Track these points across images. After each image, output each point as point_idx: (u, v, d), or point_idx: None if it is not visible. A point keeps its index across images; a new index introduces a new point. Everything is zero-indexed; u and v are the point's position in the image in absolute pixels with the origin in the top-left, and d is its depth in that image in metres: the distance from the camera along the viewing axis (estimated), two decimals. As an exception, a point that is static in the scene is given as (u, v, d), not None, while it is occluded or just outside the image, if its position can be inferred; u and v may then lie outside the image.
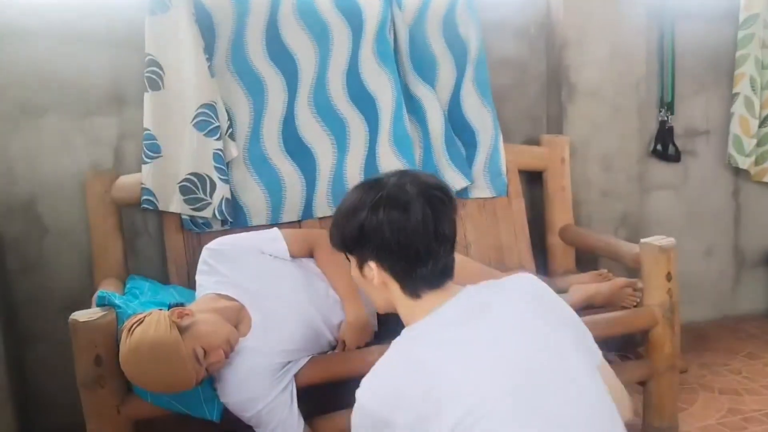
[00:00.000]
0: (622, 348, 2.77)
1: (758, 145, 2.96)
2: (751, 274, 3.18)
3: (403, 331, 1.27)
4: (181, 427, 1.97)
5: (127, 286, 2.09)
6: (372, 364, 1.85)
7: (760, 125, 2.94)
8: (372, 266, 1.28)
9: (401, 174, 1.31)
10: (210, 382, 1.75)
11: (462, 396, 1.11)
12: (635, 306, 2.18)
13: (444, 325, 1.22)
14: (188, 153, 2.18)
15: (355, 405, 1.20)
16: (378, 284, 1.30)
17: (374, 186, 1.29)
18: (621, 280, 2.24)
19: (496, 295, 1.28)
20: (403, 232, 1.23)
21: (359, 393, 1.20)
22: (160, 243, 2.38)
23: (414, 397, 1.13)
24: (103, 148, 2.35)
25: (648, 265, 2.11)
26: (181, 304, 1.69)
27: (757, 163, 2.99)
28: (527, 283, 1.33)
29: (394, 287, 1.29)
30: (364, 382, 1.21)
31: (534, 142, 2.72)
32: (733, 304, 3.20)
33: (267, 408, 1.71)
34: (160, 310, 1.62)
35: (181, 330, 1.56)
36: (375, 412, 1.16)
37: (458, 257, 1.36)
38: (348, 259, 1.35)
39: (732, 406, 2.38)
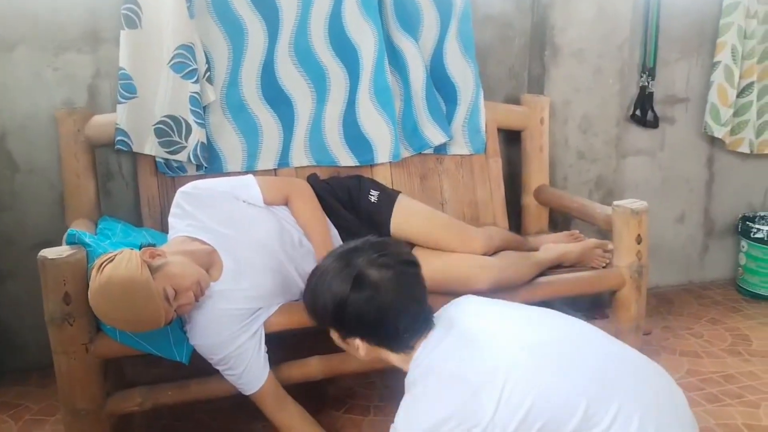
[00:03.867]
0: (590, 309, 2.82)
1: (735, 115, 2.98)
2: (720, 242, 3.24)
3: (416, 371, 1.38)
4: (150, 369, 1.99)
5: (99, 226, 2.07)
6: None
7: (738, 95, 2.95)
8: (357, 342, 1.43)
9: (369, 249, 1.43)
10: (180, 324, 1.76)
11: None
12: (604, 267, 2.22)
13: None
14: (164, 95, 2.14)
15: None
16: (365, 354, 1.44)
17: (346, 266, 1.40)
18: (592, 241, 2.28)
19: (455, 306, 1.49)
20: (383, 311, 1.38)
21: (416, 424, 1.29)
22: (133, 185, 2.36)
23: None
24: (77, 86, 2.30)
25: (619, 227, 2.13)
26: (153, 245, 1.68)
27: (732, 133, 3.01)
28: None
29: (384, 352, 1.44)
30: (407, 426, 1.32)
31: (515, 101, 2.71)
32: (700, 270, 3.26)
33: (235, 352, 1.72)
34: (131, 249, 1.61)
35: (152, 269, 1.56)
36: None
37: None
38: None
39: (691, 367, 2.44)
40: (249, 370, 1.74)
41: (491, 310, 1.48)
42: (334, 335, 1.50)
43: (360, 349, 1.44)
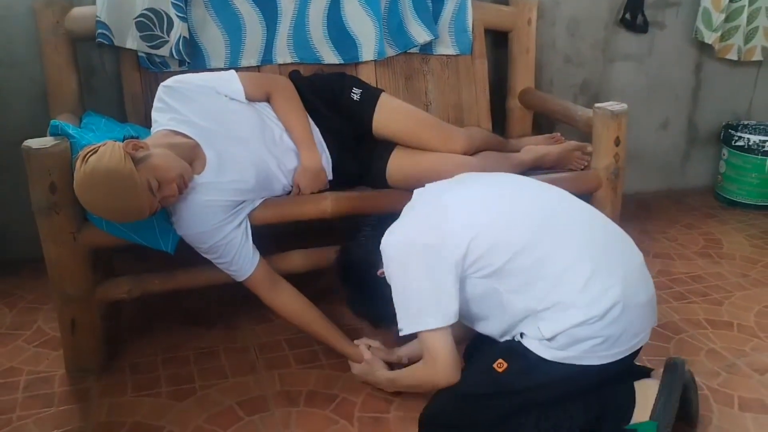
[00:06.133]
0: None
1: (726, 20, 2.95)
2: (702, 150, 3.28)
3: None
4: (138, 263, 2.05)
5: (83, 121, 2.08)
6: (325, 208, 1.95)
7: (731, 0, 2.92)
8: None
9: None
10: (165, 215, 1.80)
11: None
12: (583, 169, 2.26)
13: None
14: (144, -14, 2.10)
15: (397, 243, 1.55)
16: None
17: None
18: (571, 143, 2.30)
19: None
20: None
21: (398, 235, 1.56)
22: (117, 81, 2.34)
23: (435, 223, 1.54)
24: (55, -24, 2.24)
25: (599, 129, 2.16)
26: (136, 138, 1.70)
27: (722, 39, 2.99)
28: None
29: None
30: (389, 236, 1.57)
31: (502, 0, 2.67)
32: (681, 177, 3.32)
33: (222, 241, 1.77)
34: (115, 141, 1.63)
35: (135, 161, 1.58)
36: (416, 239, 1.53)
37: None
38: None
39: (663, 268, 2.53)
40: (239, 257, 1.80)
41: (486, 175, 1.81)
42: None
43: None
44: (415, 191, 1.70)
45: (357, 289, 1.77)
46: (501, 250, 1.49)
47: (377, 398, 1.80)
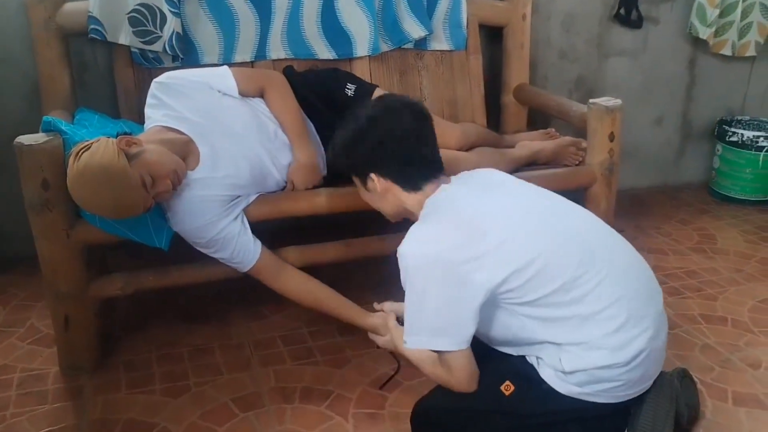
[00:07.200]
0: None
1: (720, 15, 2.95)
2: (696, 145, 3.28)
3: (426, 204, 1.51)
4: (132, 260, 2.05)
5: (76, 117, 2.07)
6: (320, 205, 1.94)
7: (726, -6, 2.92)
8: (373, 177, 1.52)
9: (385, 96, 1.64)
10: (159, 212, 1.79)
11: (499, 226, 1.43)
12: (577, 164, 2.26)
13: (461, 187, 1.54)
14: (137, -19, 2.09)
15: (420, 255, 1.41)
16: (381, 192, 1.54)
17: (363, 109, 1.56)
18: (566, 139, 2.31)
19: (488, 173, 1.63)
20: (394, 139, 1.50)
21: (421, 246, 1.42)
22: (110, 77, 2.33)
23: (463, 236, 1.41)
24: (46, -29, 2.23)
25: (593, 124, 2.16)
26: (129, 134, 1.69)
27: (716, 34, 2.99)
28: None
29: (396, 189, 1.53)
30: (412, 244, 1.43)
31: (497, -4, 2.66)
32: (676, 173, 3.32)
33: (219, 236, 1.77)
34: (108, 137, 1.63)
35: (129, 157, 1.58)
36: (440, 257, 1.39)
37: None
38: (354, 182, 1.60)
39: (657, 263, 2.54)
40: (238, 250, 1.80)
41: (508, 177, 1.65)
42: (357, 183, 1.60)
43: (378, 185, 1.53)
44: (428, 201, 1.54)
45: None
46: (541, 283, 1.41)
47: (372, 395, 1.80)
